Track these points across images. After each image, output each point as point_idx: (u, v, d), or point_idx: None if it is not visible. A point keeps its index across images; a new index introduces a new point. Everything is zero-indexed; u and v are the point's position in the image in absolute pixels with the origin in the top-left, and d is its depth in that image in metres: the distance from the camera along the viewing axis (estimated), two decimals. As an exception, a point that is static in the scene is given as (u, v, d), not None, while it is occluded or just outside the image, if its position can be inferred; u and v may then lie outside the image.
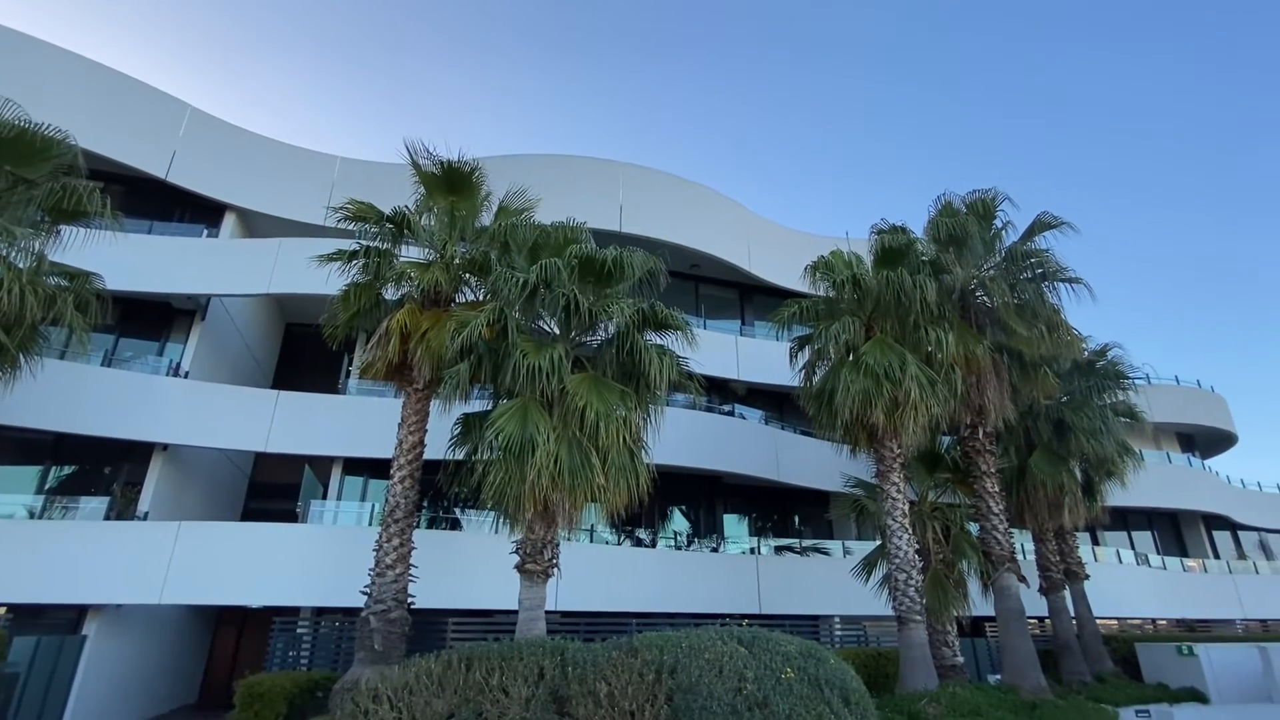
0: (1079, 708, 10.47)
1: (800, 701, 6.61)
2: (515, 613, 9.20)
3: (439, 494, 14.98)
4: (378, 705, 6.99)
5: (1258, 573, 24.77)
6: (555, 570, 9.24)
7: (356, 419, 14.84)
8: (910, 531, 12.11)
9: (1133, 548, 23.70)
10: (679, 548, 17.74)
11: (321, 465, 16.17)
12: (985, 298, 13.79)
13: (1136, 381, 17.54)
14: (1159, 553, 24.22)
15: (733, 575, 16.12)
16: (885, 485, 12.33)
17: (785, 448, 18.29)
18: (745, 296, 21.65)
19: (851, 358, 12.44)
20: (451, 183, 11.14)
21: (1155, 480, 21.25)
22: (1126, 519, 24.30)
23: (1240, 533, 27.16)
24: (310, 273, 12.20)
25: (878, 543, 13.60)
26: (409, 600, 10.02)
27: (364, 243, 11.31)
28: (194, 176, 16.38)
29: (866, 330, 12.86)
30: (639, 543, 17.42)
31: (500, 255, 10.53)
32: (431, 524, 15.86)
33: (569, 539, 13.81)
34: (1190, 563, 24.18)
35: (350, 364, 16.97)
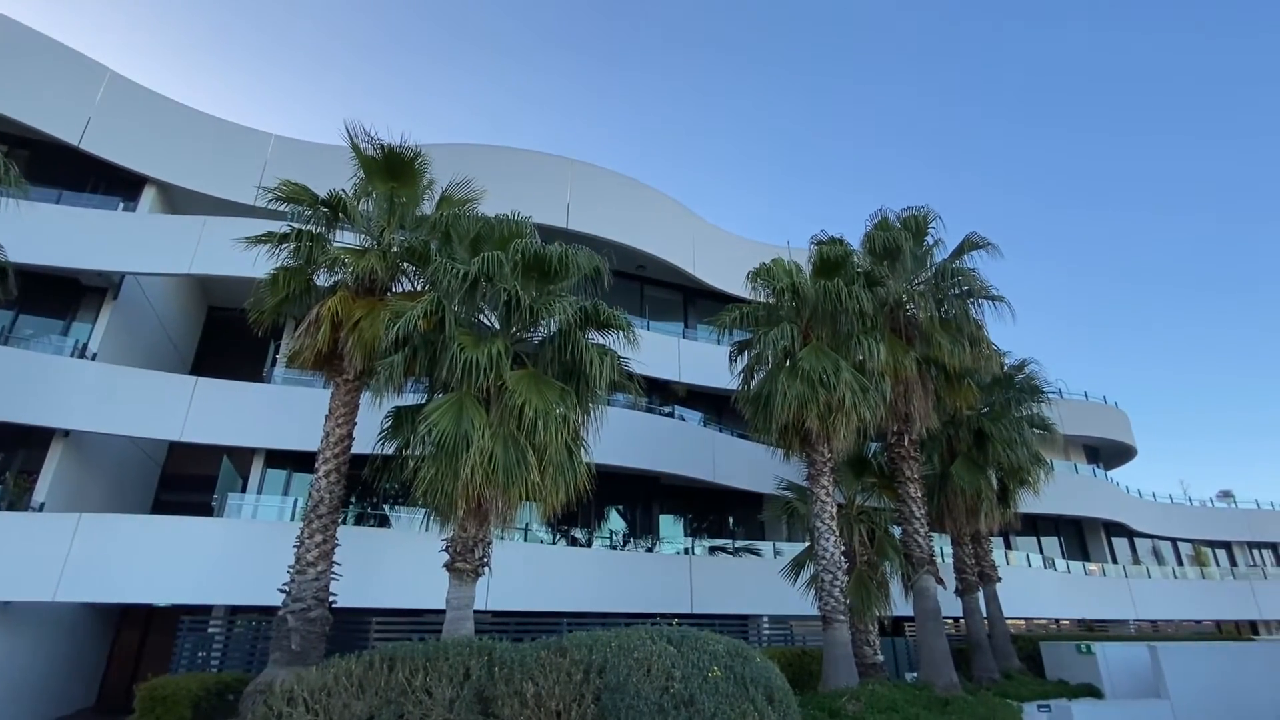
0: (987, 703, 11.03)
1: (726, 700, 6.72)
2: (444, 612, 8.99)
3: (367, 489, 14.51)
4: (292, 708, 6.71)
5: (1150, 577, 26.75)
6: (486, 569, 9.09)
7: (281, 409, 14.21)
8: (837, 534, 12.49)
9: (1041, 552, 25.21)
10: (615, 548, 17.75)
11: (242, 457, 15.41)
12: (915, 311, 14.38)
13: (1050, 396, 18.64)
14: (1064, 557, 25.84)
15: (667, 575, 16.24)
16: (815, 488, 12.68)
17: (722, 450, 18.57)
18: (689, 299, 21.88)
19: (789, 363, 12.76)
20: (392, 168, 10.79)
21: (1063, 489, 22.62)
22: (1036, 525, 25.80)
23: (1136, 539, 29.26)
24: (237, 254, 11.60)
25: (807, 544, 13.97)
26: (331, 599, 9.65)
27: (296, 225, 10.81)
28: (111, 145, 15.33)
29: (804, 337, 13.19)
30: (575, 542, 17.34)
31: (441, 246, 10.27)
32: (359, 520, 15.37)
33: (502, 537, 13.62)
34: (1091, 567, 25.88)
35: (277, 352, 16.25)
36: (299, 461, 14.60)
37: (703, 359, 19.22)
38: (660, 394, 19.51)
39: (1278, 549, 33.72)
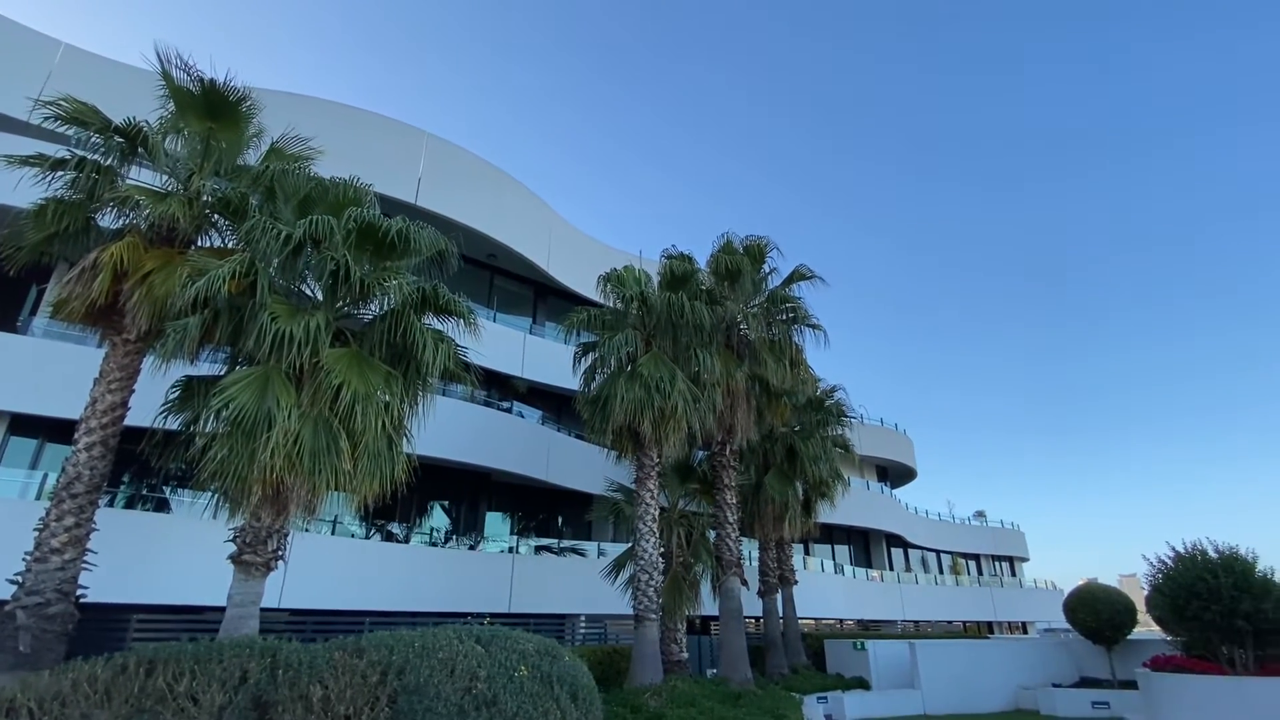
0: (774, 696, 12.01)
1: (529, 699, 6.67)
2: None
3: (146, 468, 12.62)
4: (12, 720, 5.62)
5: (918, 583, 30.83)
6: (280, 563, 8.24)
7: (37, 367, 11.95)
8: (658, 535, 12.98)
9: (834, 559, 28.06)
10: (436, 544, 17.01)
11: (-24, 420, 12.71)
12: (747, 331, 15.41)
13: (852, 420, 20.84)
14: (852, 564, 28.99)
15: (487, 574, 15.86)
16: (641, 491, 13.08)
17: (558, 449, 18.55)
18: (540, 296, 21.66)
19: (630, 368, 13.09)
20: (212, 106, 9.47)
21: (857, 503, 25.40)
22: (832, 534, 28.74)
23: (910, 550, 33.60)
24: (-7, 175, 9.57)
25: (630, 545, 14.37)
26: (79, 593, 8.23)
27: (80, 152, 9.17)
28: None
29: (646, 345, 13.60)
30: (391, 537, 16.38)
31: (264, 202, 9.19)
32: (131, 503, 13.34)
33: (307, 529, 12.53)
34: (873, 573, 29.32)
35: (40, 298, 13.66)
36: (56, 431, 12.35)
37: (548, 357, 19.10)
38: (501, 388, 19.09)
39: (1013, 561, 40.48)
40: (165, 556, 11.50)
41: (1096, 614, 15.36)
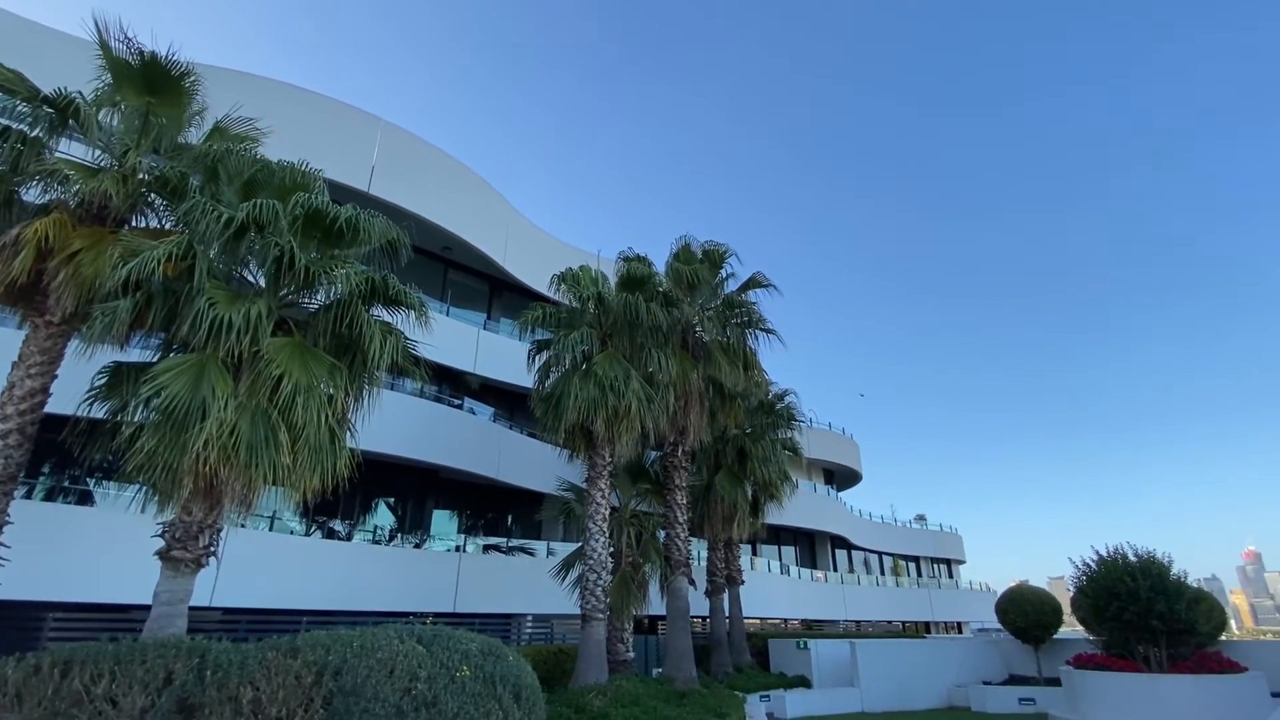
0: (718, 695, 12.15)
1: (471, 699, 6.57)
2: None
3: (68, 458, 11.94)
4: (-98, 727, 5.25)
5: (860, 584, 31.66)
6: (211, 559, 7.91)
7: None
8: (608, 535, 12.98)
9: (780, 560, 28.58)
10: (379, 542, 16.61)
11: (-125, 403, 11.78)
12: (703, 333, 15.56)
13: (802, 423, 21.26)
14: (798, 564, 29.57)
15: (433, 573, 15.56)
16: (593, 490, 13.06)
17: (510, 447, 18.34)
18: (495, 291, 21.39)
19: (584, 367, 13.05)
20: (151, 80, 9.01)
21: (804, 505, 25.92)
22: (779, 535, 29.26)
23: (854, 551, 34.48)
24: (-98, 140, 8.87)
25: (579, 545, 14.32)
26: (-12, 590, 7.74)
27: (4, 121, 8.61)
28: None
29: (602, 344, 13.59)
30: (333, 534, 15.93)
31: (205, 183, 8.79)
32: (52, 495, 12.60)
33: (241, 524, 12.06)
34: (818, 574, 29.96)
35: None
36: (-33, 416, 11.55)
37: (502, 353, 18.87)
38: (453, 384, 18.78)
39: (951, 563, 41.95)
40: (87, 552, 10.90)
41: (1025, 614, 16.05)
